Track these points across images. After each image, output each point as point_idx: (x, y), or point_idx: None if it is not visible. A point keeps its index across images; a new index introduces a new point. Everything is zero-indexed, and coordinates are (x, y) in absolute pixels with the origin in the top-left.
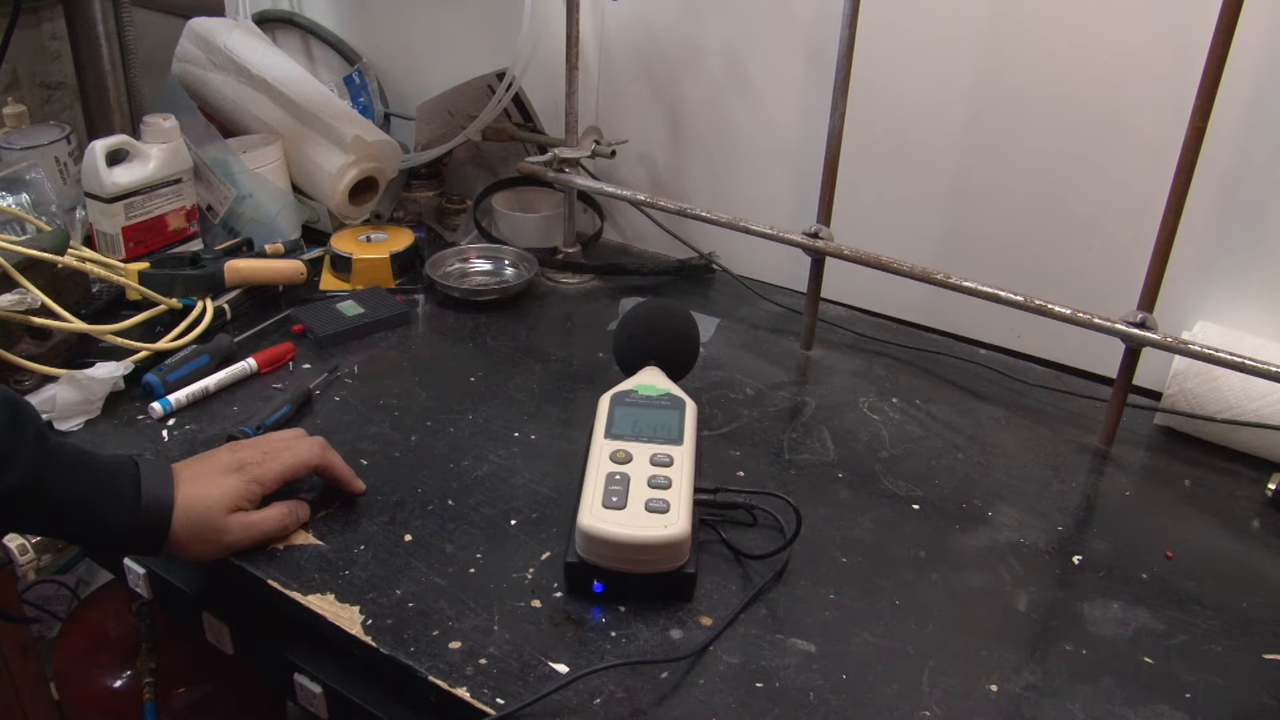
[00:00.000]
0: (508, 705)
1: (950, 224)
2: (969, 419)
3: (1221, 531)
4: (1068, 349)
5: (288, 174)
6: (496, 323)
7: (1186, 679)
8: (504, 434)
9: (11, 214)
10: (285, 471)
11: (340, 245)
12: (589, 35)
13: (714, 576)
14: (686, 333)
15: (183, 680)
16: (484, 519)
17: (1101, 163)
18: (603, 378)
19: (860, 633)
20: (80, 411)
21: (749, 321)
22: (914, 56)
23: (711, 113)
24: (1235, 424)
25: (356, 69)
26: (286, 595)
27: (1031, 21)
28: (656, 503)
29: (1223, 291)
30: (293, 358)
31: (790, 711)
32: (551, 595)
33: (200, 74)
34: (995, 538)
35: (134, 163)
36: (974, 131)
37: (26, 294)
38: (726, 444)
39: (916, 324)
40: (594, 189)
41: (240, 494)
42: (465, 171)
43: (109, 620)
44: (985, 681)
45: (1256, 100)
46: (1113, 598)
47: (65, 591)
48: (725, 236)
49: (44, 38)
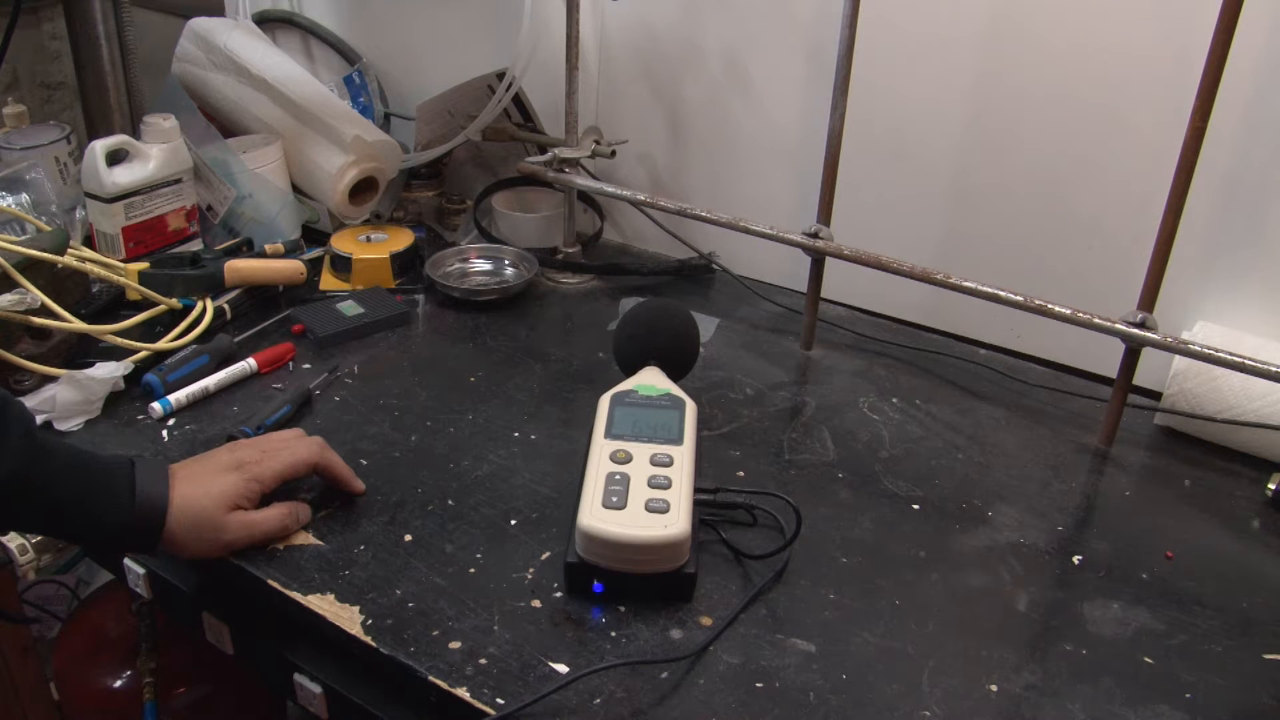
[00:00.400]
0: (508, 705)
1: (950, 224)
2: (969, 419)
3: (1221, 531)
4: (1068, 349)
5: (288, 174)
6: (496, 323)
7: (1186, 679)
8: (504, 434)
9: (11, 214)
10: (284, 470)
11: (340, 245)
12: (589, 35)
13: (714, 576)
14: (686, 333)
15: (183, 680)
16: (484, 519)
17: (1101, 163)
18: (603, 378)
19: (860, 633)
20: (80, 411)
21: (749, 321)
22: (914, 56)
23: (711, 113)
24: (1235, 424)
25: (356, 69)
26: (286, 595)
27: (1031, 21)
28: (656, 503)
29: (1223, 291)
30: (293, 358)
31: (790, 711)
32: (551, 595)
33: (200, 74)
34: (995, 538)
35: (134, 163)
36: (974, 131)
37: (26, 294)
38: (726, 444)
39: (916, 324)
40: (594, 189)
41: (239, 492)
42: (465, 171)
43: (109, 620)
44: (985, 681)
45: (1256, 100)
46: (1113, 598)
47: (65, 591)
48: (725, 236)
49: (44, 38)
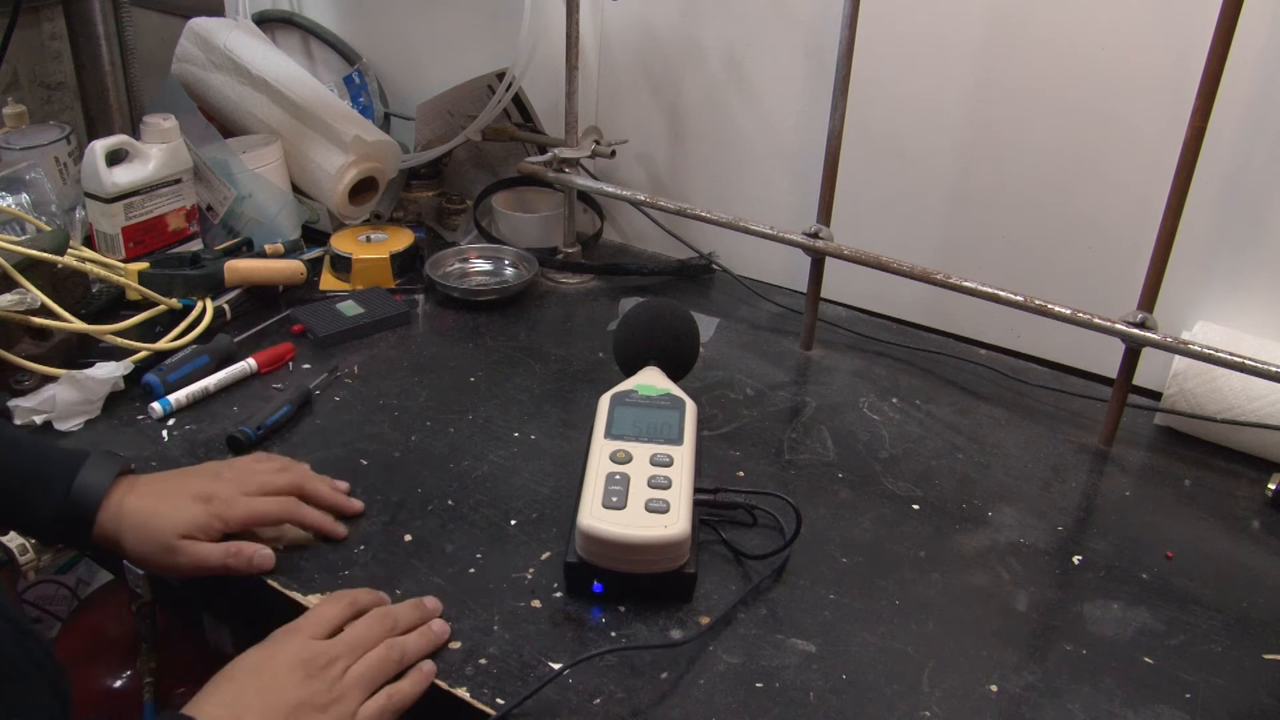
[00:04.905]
0: (506, 705)
1: (950, 224)
2: (969, 419)
3: (1221, 531)
4: (1068, 349)
5: (288, 174)
6: (496, 323)
7: (1186, 679)
8: (504, 434)
9: (11, 214)
10: (250, 519)
11: (340, 245)
12: (589, 35)
13: (714, 576)
14: (686, 333)
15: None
16: (484, 519)
17: (1101, 163)
18: (603, 378)
19: (860, 633)
20: (80, 411)
21: (749, 321)
22: (914, 56)
23: (711, 113)
24: (1235, 424)
25: (356, 69)
26: (286, 595)
27: (1031, 21)
28: (656, 503)
29: (1223, 291)
30: (293, 358)
31: (790, 711)
32: (551, 595)
33: (200, 74)
34: (995, 538)
35: (134, 163)
36: (974, 131)
37: (26, 294)
38: (726, 444)
39: (916, 324)
40: (594, 189)
41: (199, 525)
42: (465, 171)
43: (109, 620)
44: (985, 681)
45: (1256, 100)
46: (1113, 598)
47: (65, 591)
48: (725, 236)
49: (44, 38)
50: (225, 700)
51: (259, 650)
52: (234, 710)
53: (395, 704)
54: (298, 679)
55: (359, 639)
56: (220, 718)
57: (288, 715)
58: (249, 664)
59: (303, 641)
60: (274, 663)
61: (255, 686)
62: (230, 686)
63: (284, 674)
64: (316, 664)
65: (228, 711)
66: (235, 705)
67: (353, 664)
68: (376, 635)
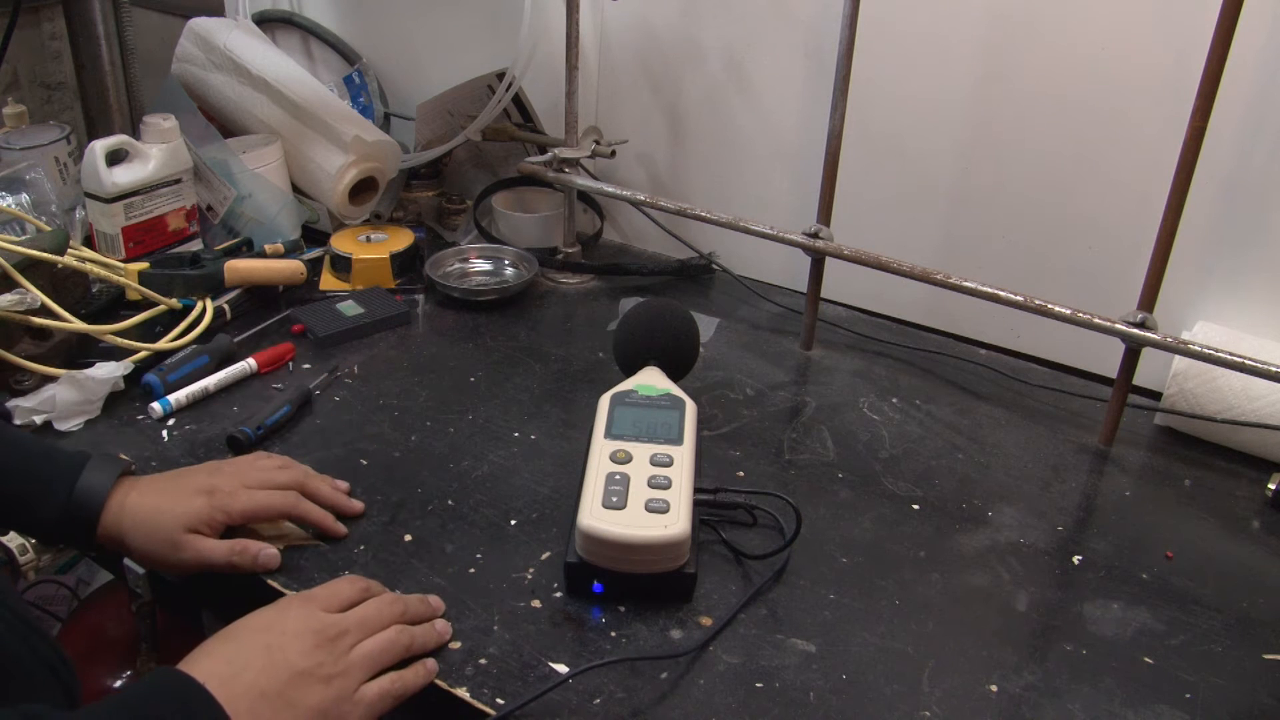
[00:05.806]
0: (507, 705)
1: (950, 224)
2: (969, 419)
3: (1221, 531)
4: (1068, 349)
5: (288, 174)
6: (496, 323)
7: (1186, 679)
8: (504, 434)
9: (11, 214)
10: (252, 511)
11: (340, 245)
12: (589, 35)
13: (714, 576)
14: (686, 333)
15: None
16: (484, 519)
17: (1101, 163)
18: (603, 378)
19: (860, 633)
20: (80, 411)
21: (749, 321)
22: (914, 56)
23: (711, 113)
24: (1235, 424)
25: (356, 69)
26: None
27: (1032, 21)
28: (656, 503)
29: (1223, 291)
30: (293, 358)
31: (790, 711)
32: (551, 595)
33: (200, 74)
34: (995, 538)
35: (134, 163)
36: (974, 131)
37: (26, 294)
38: (726, 444)
39: (916, 324)
40: (594, 189)
41: (202, 519)
42: (465, 171)
43: (109, 620)
44: (985, 681)
45: (1256, 100)
46: (1113, 598)
47: (65, 591)
48: (725, 236)
49: (44, 38)
50: (226, 655)
51: (268, 611)
52: (234, 666)
53: (397, 690)
54: (305, 646)
55: (370, 617)
56: (219, 673)
57: (289, 680)
58: (256, 623)
59: (314, 610)
60: (283, 624)
61: (260, 645)
62: (233, 644)
63: (291, 638)
64: (326, 634)
65: (228, 667)
66: (236, 662)
67: (361, 640)
68: (387, 618)
